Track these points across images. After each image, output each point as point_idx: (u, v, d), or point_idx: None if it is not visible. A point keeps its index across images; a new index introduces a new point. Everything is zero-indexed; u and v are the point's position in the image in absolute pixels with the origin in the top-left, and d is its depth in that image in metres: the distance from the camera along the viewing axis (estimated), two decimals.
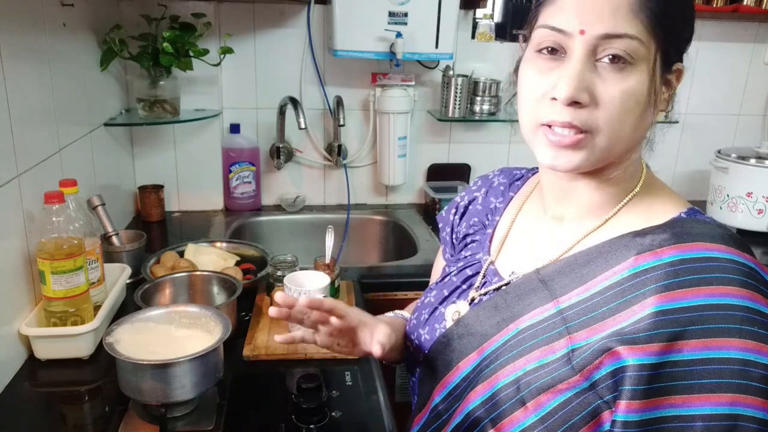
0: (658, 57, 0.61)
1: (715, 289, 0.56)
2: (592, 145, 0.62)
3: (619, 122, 0.61)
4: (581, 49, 0.60)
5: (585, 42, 0.60)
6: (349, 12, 1.67)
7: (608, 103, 0.60)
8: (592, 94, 0.60)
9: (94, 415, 0.96)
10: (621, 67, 0.60)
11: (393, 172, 1.93)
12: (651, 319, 0.56)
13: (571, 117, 0.61)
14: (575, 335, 0.61)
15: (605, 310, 0.61)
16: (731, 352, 0.54)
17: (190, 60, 1.61)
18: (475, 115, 1.93)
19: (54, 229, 1.03)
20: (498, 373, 0.66)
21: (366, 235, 1.97)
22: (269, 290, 1.29)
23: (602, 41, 0.59)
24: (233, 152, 1.87)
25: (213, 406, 0.95)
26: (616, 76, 0.60)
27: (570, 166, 0.63)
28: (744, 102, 2.14)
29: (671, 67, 0.64)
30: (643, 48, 0.60)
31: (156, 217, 1.81)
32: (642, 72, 0.60)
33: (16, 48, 1.05)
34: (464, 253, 0.86)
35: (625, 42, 0.59)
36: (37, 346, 1.06)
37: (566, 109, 0.61)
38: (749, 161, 1.79)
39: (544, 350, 0.63)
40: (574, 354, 0.60)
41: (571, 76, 0.60)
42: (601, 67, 0.60)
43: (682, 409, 0.54)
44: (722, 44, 2.03)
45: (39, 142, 1.15)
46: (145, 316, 0.98)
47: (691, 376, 0.54)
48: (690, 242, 0.60)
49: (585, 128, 0.61)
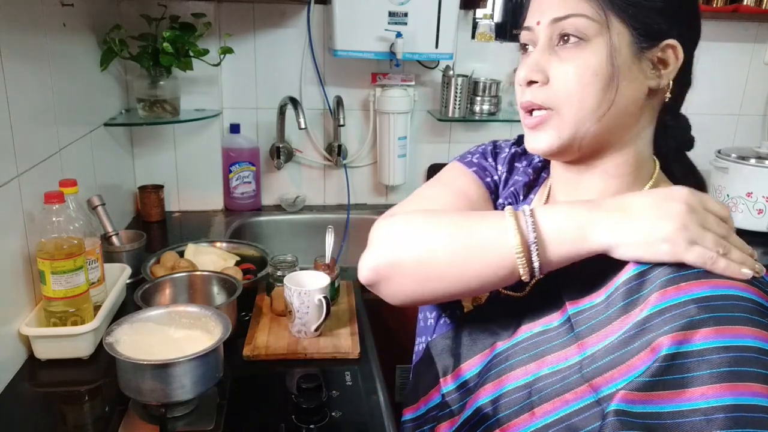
0: (623, 30, 0.63)
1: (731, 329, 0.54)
2: (558, 121, 0.65)
3: (577, 95, 0.64)
4: (541, 38, 0.66)
5: (542, 31, 0.66)
6: (349, 12, 1.68)
7: (562, 77, 0.64)
8: (548, 74, 0.65)
9: (94, 415, 0.96)
10: (575, 45, 0.64)
11: (393, 172, 1.93)
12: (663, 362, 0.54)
13: (531, 96, 0.66)
14: (585, 341, 0.61)
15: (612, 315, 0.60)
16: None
17: (190, 60, 1.62)
18: (475, 115, 1.93)
19: (54, 229, 1.03)
20: (509, 375, 0.66)
21: (366, 235, 1.95)
22: (269, 290, 1.29)
23: (554, 26, 0.65)
24: (233, 152, 1.87)
25: (213, 406, 0.95)
26: (570, 54, 0.64)
27: (544, 145, 0.67)
28: (744, 102, 2.14)
29: (656, 42, 0.64)
30: (594, 24, 0.63)
31: (156, 217, 1.81)
32: (598, 46, 0.63)
33: (16, 48, 1.05)
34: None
35: (572, 20, 0.63)
36: (37, 346, 1.06)
37: (526, 90, 0.67)
38: (749, 161, 1.79)
39: (558, 356, 0.63)
40: (583, 363, 0.60)
41: (528, 61, 0.67)
42: (559, 50, 0.65)
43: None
44: (722, 44, 2.04)
45: (39, 142, 1.15)
46: (145, 316, 0.98)
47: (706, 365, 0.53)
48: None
49: (545, 105, 0.66)
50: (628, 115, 0.66)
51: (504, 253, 0.62)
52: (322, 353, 1.11)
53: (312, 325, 1.13)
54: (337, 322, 1.22)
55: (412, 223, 0.70)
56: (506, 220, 0.62)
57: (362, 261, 0.74)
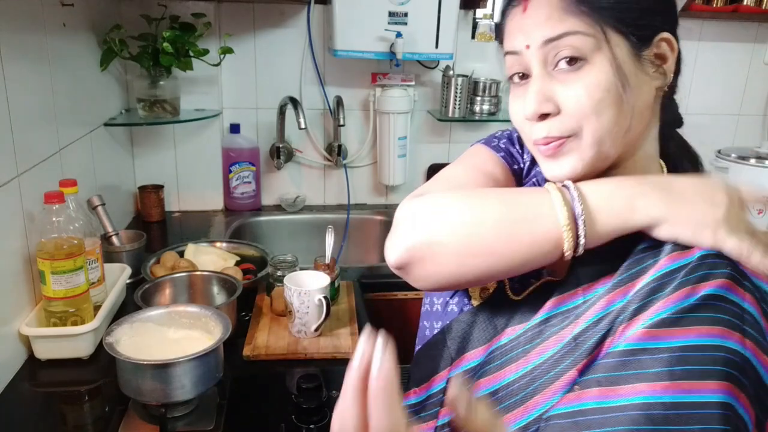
0: (620, 41, 0.61)
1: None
2: (577, 144, 0.62)
3: (595, 116, 0.61)
4: (535, 64, 0.62)
5: (534, 55, 0.62)
6: (349, 12, 1.68)
7: (575, 104, 0.61)
8: (557, 102, 0.61)
9: (94, 415, 0.96)
10: (577, 66, 0.60)
11: (393, 172, 1.93)
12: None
13: (547, 130, 0.62)
14: (580, 320, 0.61)
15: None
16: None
17: (190, 60, 1.62)
18: (475, 115, 1.93)
19: (54, 229, 1.03)
20: (507, 368, 0.66)
21: (366, 235, 1.97)
22: (269, 290, 1.29)
23: (547, 48, 0.61)
24: (233, 152, 1.87)
25: (213, 406, 0.95)
26: (574, 76, 0.60)
27: (566, 172, 0.64)
28: (744, 102, 2.14)
29: (650, 40, 0.63)
30: (589, 39, 0.60)
31: (156, 217, 1.81)
32: (601, 62, 0.60)
33: (16, 48, 1.05)
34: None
35: (568, 39, 0.60)
36: (37, 346, 1.06)
37: (539, 125, 0.62)
38: (749, 161, 1.80)
39: (552, 341, 0.63)
40: (577, 340, 0.60)
41: (530, 92, 0.62)
42: (558, 74, 0.61)
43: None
44: (722, 44, 2.03)
45: (39, 142, 1.15)
46: (145, 316, 0.98)
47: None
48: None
49: (569, 132, 0.62)
50: (642, 120, 0.65)
51: (550, 225, 0.60)
52: (322, 353, 1.11)
53: (312, 325, 1.13)
54: (337, 322, 1.22)
55: (451, 199, 0.67)
56: (552, 194, 0.61)
57: (391, 242, 0.70)
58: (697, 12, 1.93)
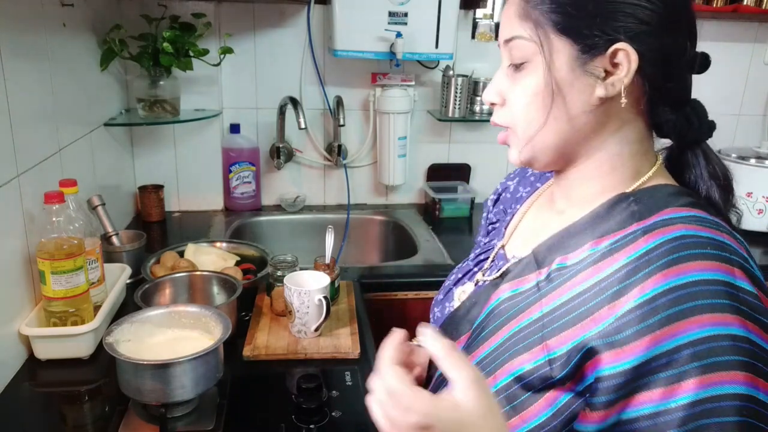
0: (564, 47, 0.63)
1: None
2: (515, 138, 0.70)
3: (525, 114, 0.67)
4: (503, 57, 0.69)
5: (502, 51, 0.69)
6: (349, 12, 1.68)
7: (512, 100, 0.68)
8: (504, 95, 0.69)
9: (94, 415, 0.96)
10: (519, 68, 0.67)
11: (393, 172, 1.93)
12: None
13: (494, 116, 0.72)
14: (545, 300, 0.64)
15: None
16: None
17: (190, 60, 1.62)
18: (475, 115, 1.93)
19: (54, 229, 1.03)
20: (484, 344, 0.69)
21: (366, 235, 1.97)
22: (269, 290, 1.29)
23: (505, 48, 0.68)
24: (233, 152, 1.87)
25: (213, 406, 0.95)
26: (517, 76, 0.67)
27: (511, 158, 0.72)
28: (744, 102, 2.14)
29: (599, 51, 0.62)
30: (530, 44, 0.64)
31: (156, 217, 1.81)
32: (536, 67, 0.65)
33: (16, 48, 1.05)
34: (485, 240, 0.91)
35: (515, 42, 0.66)
36: (37, 346, 1.06)
37: (494, 111, 0.72)
38: (749, 161, 1.79)
39: (520, 318, 0.66)
40: (545, 320, 0.63)
41: (491, 82, 0.71)
42: (509, 71, 0.68)
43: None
44: (722, 44, 2.04)
45: (39, 142, 1.15)
46: (145, 316, 0.98)
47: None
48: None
49: (504, 125, 0.70)
50: (584, 124, 0.66)
51: None
52: (322, 353, 1.11)
53: (312, 325, 1.13)
54: (337, 322, 1.22)
55: None
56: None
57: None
58: (697, 12, 1.92)
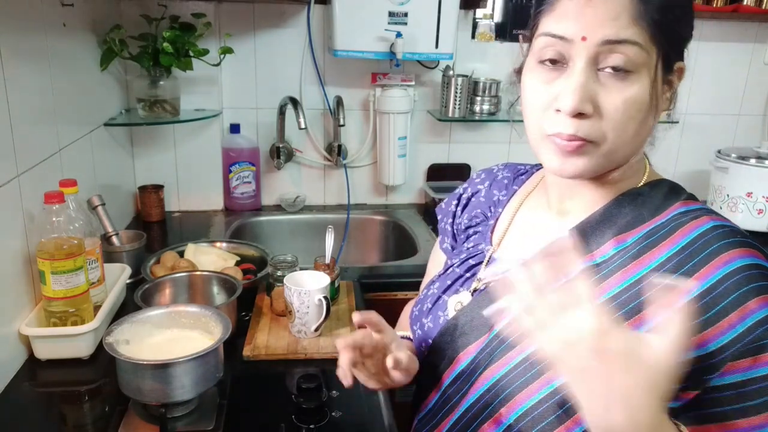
0: (659, 61, 0.62)
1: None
2: (596, 151, 0.62)
3: (622, 130, 0.61)
4: (583, 58, 0.60)
5: (587, 49, 0.59)
6: (349, 12, 1.67)
7: (612, 113, 0.60)
8: (596, 105, 0.60)
9: (94, 415, 0.96)
10: (623, 76, 0.60)
11: (393, 172, 1.93)
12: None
13: (576, 128, 0.61)
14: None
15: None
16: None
17: (190, 60, 1.62)
18: (475, 115, 1.93)
19: (54, 229, 1.03)
20: (508, 355, 0.68)
21: (366, 235, 1.97)
22: (269, 290, 1.29)
23: (603, 48, 0.59)
24: (233, 152, 1.87)
25: (213, 406, 0.95)
26: (619, 85, 0.60)
27: (576, 172, 0.64)
28: (744, 102, 2.14)
29: (672, 67, 0.65)
30: (643, 53, 0.59)
31: (156, 217, 1.81)
32: (643, 78, 0.60)
33: (16, 48, 1.05)
34: (467, 245, 0.87)
35: (626, 48, 0.58)
36: (37, 346, 1.06)
37: (571, 121, 0.61)
38: (749, 161, 1.80)
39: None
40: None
41: (574, 88, 0.60)
42: (603, 77, 0.60)
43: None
44: (722, 44, 2.03)
45: (39, 142, 1.15)
46: (145, 316, 0.98)
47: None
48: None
49: (589, 139, 0.61)
50: (648, 136, 0.67)
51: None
52: (322, 353, 1.11)
53: (312, 325, 1.13)
54: (337, 322, 1.22)
55: None
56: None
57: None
58: (697, 12, 1.91)
